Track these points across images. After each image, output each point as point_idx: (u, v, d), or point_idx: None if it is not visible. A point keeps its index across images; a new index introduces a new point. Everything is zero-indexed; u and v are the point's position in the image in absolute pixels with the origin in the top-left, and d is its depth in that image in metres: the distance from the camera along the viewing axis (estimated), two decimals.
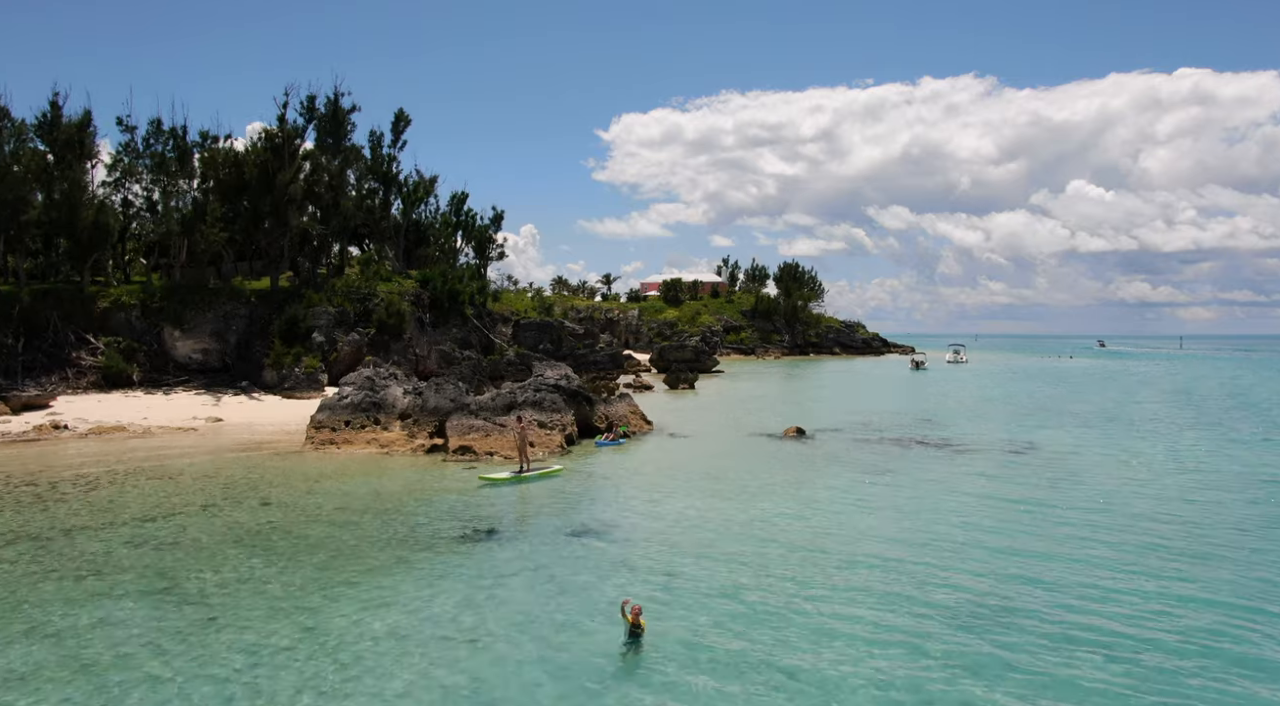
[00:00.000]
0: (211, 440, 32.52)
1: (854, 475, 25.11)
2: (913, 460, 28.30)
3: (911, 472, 25.70)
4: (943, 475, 25.17)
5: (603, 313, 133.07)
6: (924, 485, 23.39)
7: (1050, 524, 18.91)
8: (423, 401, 32.61)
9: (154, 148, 49.63)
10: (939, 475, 25.19)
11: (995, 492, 22.50)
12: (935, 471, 25.86)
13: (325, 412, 31.92)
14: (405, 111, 66.81)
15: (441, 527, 18.40)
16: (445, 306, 58.79)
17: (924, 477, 24.71)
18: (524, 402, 32.28)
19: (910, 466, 26.99)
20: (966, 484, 23.74)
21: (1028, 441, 32.92)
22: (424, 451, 29.55)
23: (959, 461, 28.04)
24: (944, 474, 25.42)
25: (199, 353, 45.15)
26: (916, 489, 22.84)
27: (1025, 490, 22.92)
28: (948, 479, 24.45)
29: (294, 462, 27.23)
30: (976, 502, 21.13)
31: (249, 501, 21.05)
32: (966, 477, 24.76)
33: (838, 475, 25.15)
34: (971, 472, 25.67)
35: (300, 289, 50.37)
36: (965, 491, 22.56)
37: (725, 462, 27.64)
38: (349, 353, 47.70)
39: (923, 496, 21.92)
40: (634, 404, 37.70)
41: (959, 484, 23.70)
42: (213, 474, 25.02)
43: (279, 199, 47.79)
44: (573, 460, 28.19)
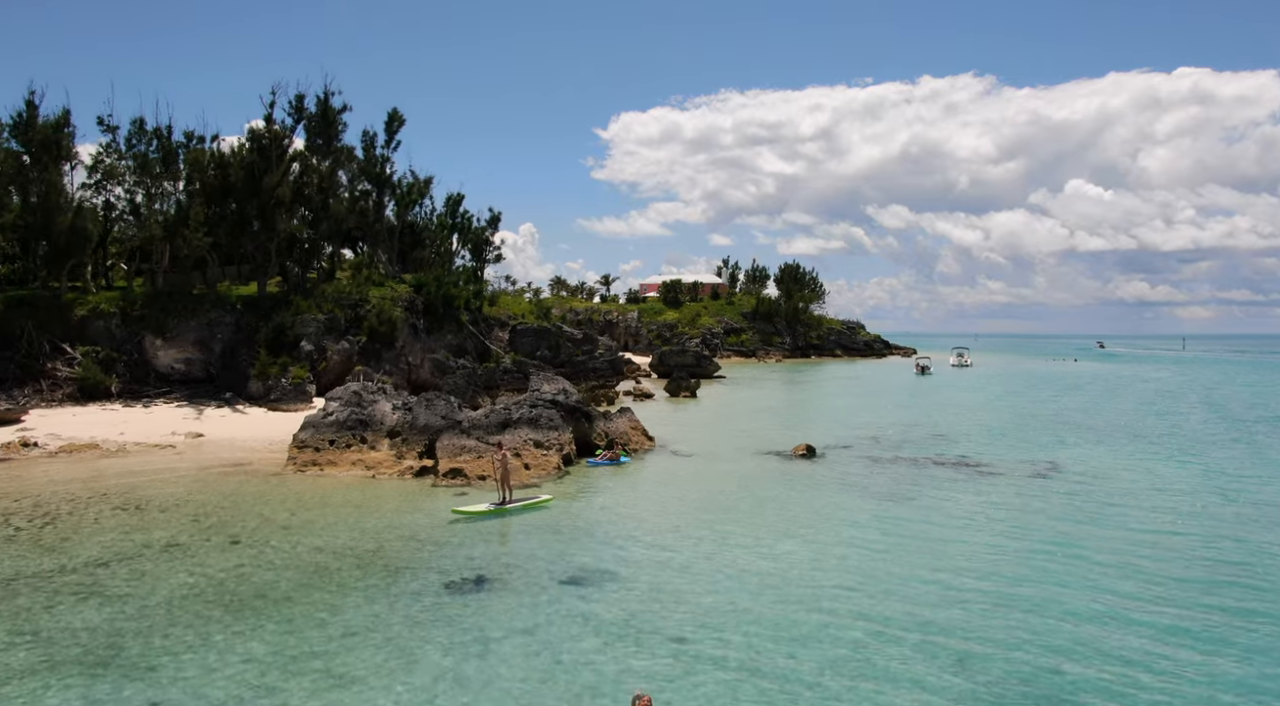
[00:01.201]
0: (189, 459, 30.74)
1: (874, 506, 23.37)
2: (933, 486, 26.55)
3: (934, 502, 23.96)
4: (968, 506, 23.42)
5: (602, 314, 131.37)
6: (951, 521, 21.64)
7: (1096, 572, 17.16)
8: (412, 418, 30.85)
9: (137, 148, 47.81)
10: (964, 506, 23.45)
11: (1029, 529, 20.75)
12: (960, 501, 24.11)
13: (309, 431, 30.14)
14: (399, 111, 65.08)
15: (425, 575, 16.64)
16: (440, 312, 56.99)
17: (949, 510, 22.97)
18: (519, 420, 30.53)
19: (932, 494, 25.26)
20: (996, 519, 21.98)
21: (1050, 462, 31.18)
22: (412, 474, 27.79)
23: (982, 487, 26.30)
24: (970, 504, 23.68)
25: (181, 362, 43.36)
26: (944, 526, 21.08)
27: (1060, 526, 21.17)
28: (975, 512, 22.70)
29: (273, 487, 25.47)
30: (1011, 544, 19.37)
31: (217, 539, 19.28)
32: (994, 510, 23.01)
33: (856, 505, 23.40)
34: (998, 503, 23.91)
35: (289, 295, 48.57)
36: (997, 529, 20.80)
37: (734, 489, 25.89)
38: (339, 362, 45.93)
39: (951, 537, 20.17)
40: (635, 419, 35.93)
41: (988, 519, 21.95)
42: (183, 501, 23.25)
43: (266, 202, 45.98)
44: (570, 485, 26.45)
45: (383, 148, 64.27)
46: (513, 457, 28.20)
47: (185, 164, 47.12)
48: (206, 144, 50.09)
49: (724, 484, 26.75)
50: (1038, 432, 40.12)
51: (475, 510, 21.80)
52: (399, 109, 64.73)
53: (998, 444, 36.11)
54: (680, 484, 26.80)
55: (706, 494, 25.01)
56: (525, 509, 22.31)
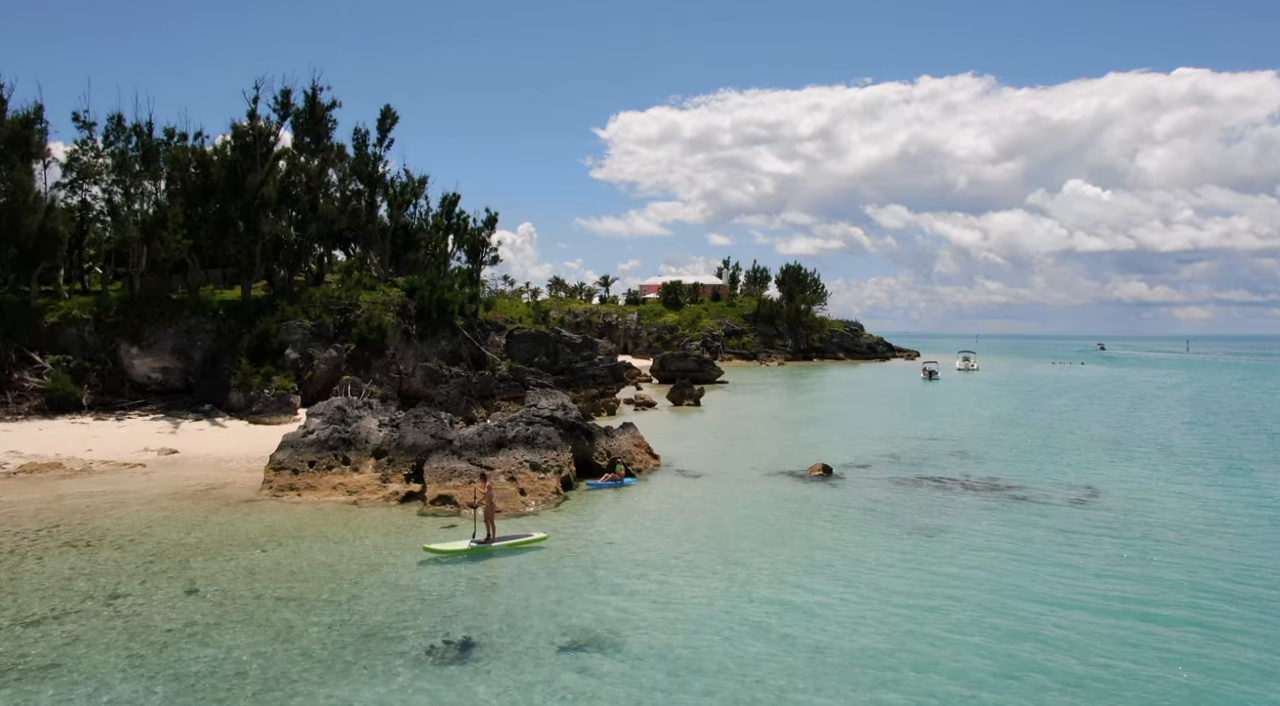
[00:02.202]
0: (158, 480, 28.47)
1: (906, 543, 21.14)
2: (966, 516, 24.33)
3: (972, 538, 21.74)
4: (1010, 544, 21.19)
5: (601, 316, 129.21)
6: (994, 564, 19.40)
7: (1173, 636, 14.96)
8: (399, 437, 28.61)
9: (115, 146, 45.52)
10: (1005, 543, 21.21)
11: (1083, 577, 18.51)
12: (999, 536, 21.88)
13: (287, 451, 27.88)
14: (392, 108, 62.87)
15: (404, 639, 14.41)
16: (434, 317, 54.77)
17: (990, 549, 20.74)
18: (514, 439, 28.30)
19: (964, 524, 23.05)
20: (1044, 563, 19.74)
21: (1086, 485, 28.98)
22: (398, 500, 25.55)
23: (1019, 518, 24.08)
24: (1010, 541, 21.44)
25: (159, 372, 41.08)
26: (987, 570, 18.85)
27: (1111, 565, 18.98)
28: (1018, 552, 20.45)
29: (244, 517, 23.21)
30: (1067, 598, 17.13)
31: (171, 588, 17.03)
32: (1040, 550, 20.77)
33: (886, 543, 21.16)
34: (1042, 542, 21.68)
35: (274, 300, 46.30)
36: (1047, 577, 18.56)
37: (749, 519, 23.66)
38: (326, 371, 43.67)
39: (998, 587, 17.95)
40: (638, 435, 33.69)
41: (1035, 563, 19.70)
42: (142, 536, 20.99)
43: (249, 202, 43.68)
44: (569, 513, 24.21)
45: (375, 146, 62.12)
46: (507, 482, 26.02)
47: (165, 162, 44.80)
48: (190, 141, 47.90)
49: (737, 512, 24.52)
50: (1065, 449, 37.91)
51: (451, 549, 19.50)
52: (392, 106, 62.65)
53: (1025, 463, 33.89)
54: (689, 512, 24.56)
55: (718, 526, 22.76)
56: (512, 548, 19.95)
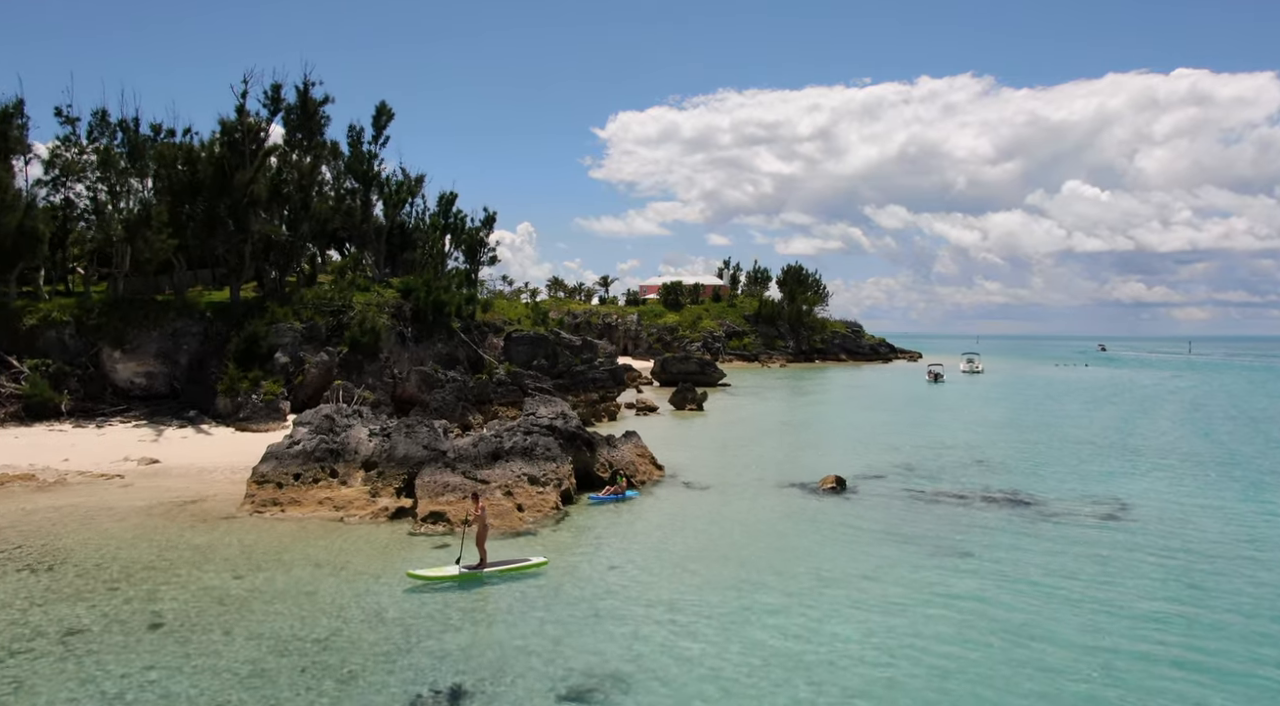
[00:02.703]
0: (135, 493, 26.95)
1: (930, 566, 19.66)
2: (991, 535, 22.85)
3: (999, 559, 20.27)
4: (1042, 568, 19.70)
5: (601, 317, 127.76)
6: (1027, 592, 17.92)
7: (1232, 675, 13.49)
8: (390, 447, 27.11)
9: (99, 142, 44.01)
10: (1036, 567, 19.73)
11: (1122, 603, 17.05)
12: (1029, 560, 20.38)
13: (270, 463, 26.37)
14: (388, 105, 61.30)
15: (387, 681, 12.92)
16: (429, 319, 53.18)
17: (1019, 572, 19.27)
18: (512, 450, 26.80)
19: (993, 548, 21.56)
20: (1081, 587, 18.27)
21: (1113, 498, 27.52)
22: (387, 517, 24.05)
23: (1049, 537, 22.61)
24: (1042, 564, 19.96)
25: (142, 376, 39.54)
26: (1020, 597, 17.37)
27: (1157, 598, 17.50)
28: (1052, 577, 18.97)
29: (222, 536, 21.70)
30: (1112, 628, 15.65)
31: (136, 620, 15.54)
32: (1075, 573, 19.30)
33: (909, 567, 19.67)
34: (1074, 562, 20.20)
35: (264, 301, 44.77)
36: (1087, 607, 17.08)
37: (761, 540, 22.17)
38: (317, 375, 42.15)
39: (1034, 619, 16.46)
40: (641, 445, 32.21)
41: (1071, 589, 18.23)
42: (110, 559, 19.50)
43: (238, 200, 42.15)
44: (569, 531, 22.72)
45: (370, 143, 60.46)
46: (503, 497, 24.53)
47: (151, 159, 43.27)
48: (179, 138, 46.40)
49: (748, 532, 23.03)
50: (1083, 458, 36.43)
51: (439, 576, 17.99)
52: (388, 103, 61.11)
53: (1046, 474, 32.41)
54: (697, 531, 23.06)
55: (729, 549, 21.26)
56: (507, 574, 18.43)
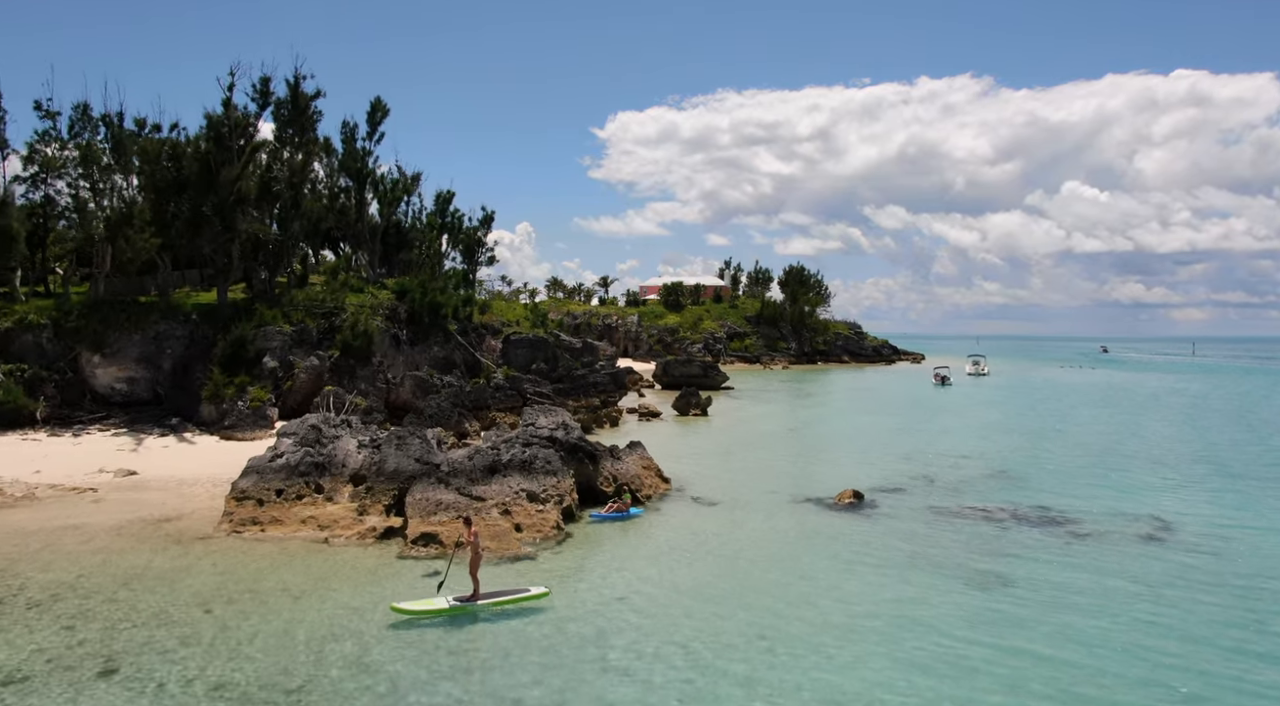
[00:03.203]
0: (107, 510, 25.21)
1: (964, 595, 17.97)
2: (1027, 557, 21.16)
3: (1040, 587, 18.58)
4: (1088, 596, 18.03)
5: (600, 318, 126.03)
6: (1076, 624, 16.23)
7: None
8: (380, 460, 25.42)
9: (81, 137, 42.30)
10: (1083, 596, 18.04)
11: (1187, 643, 15.37)
12: (1072, 587, 18.69)
13: (251, 478, 24.64)
14: (383, 100, 59.62)
15: None
16: (425, 321, 51.50)
17: (1064, 602, 17.59)
18: (510, 464, 25.11)
19: (1030, 572, 19.87)
20: (1136, 623, 16.59)
21: (1151, 516, 25.83)
22: (375, 538, 22.31)
23: (1088, 560, 20.93)
24: (1088, 593, 18.27)
25: (123, 382, 37.80)
26: (1070, 634, 15.67)
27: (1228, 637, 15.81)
28: (1101, 608, 17.28)
29: (195, 561, 19.99)
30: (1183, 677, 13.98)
31: (86, 667, 13.82)
32: (1123, 605, 17.61)
33: (941, 597, 17.99)
34: (1123, 592, 18.52)
35: (252, 303, 43.05)
36: (1150, 651, 15.40)
37: (779, 565, 20.48)
38: (307, 381, 40.42)
39: (1092, 661, 14.78)
40: (646, 456, 30.52)
41: (1124, 623, 16.56)
42: (69, 589, 17.77)
43: (224, 198, 40.41)
44: (571, 554, 21.01)
45: (364, 140, 58.87)
46: (500, 516, 22.84)
47: (135, 155, 41.54)
48: (165, 133, 44.66)
49: (764, 555, 21.33)
50: (1110, 470, 34.73)
51: (426, 610, 16.27)
52: (383, 98, 59.41)
53: (1074, 488, 30.73)
54: (709, 555, 21.35)
55: (745, 576, 19.55)
56: (504, 606, 16.70)
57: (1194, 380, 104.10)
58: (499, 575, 18.80)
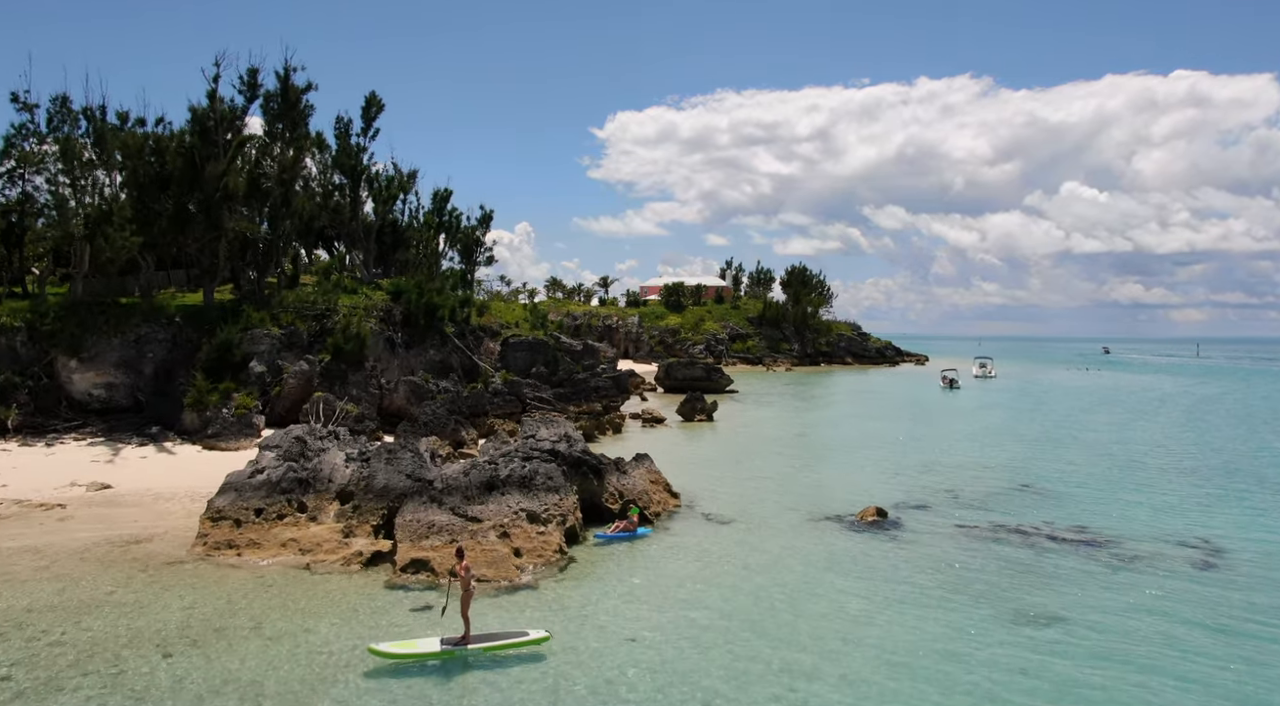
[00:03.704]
0: (74, 528, 23.36)
1: (1015, 635, 16.14)
2: (1071, 586, 19.35)
3: (1094, 624, 16.77)
4: (1149, 634, 16.21)
5: (601, 319, 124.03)
6: (1143, 669, 14.41)
7: None
8: (369, 476, 23.60)
9: (61, 132, 40.42)
10: (1144, 635, 16.23)
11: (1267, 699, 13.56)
12: (1132, 625, 16.86)
13: (228, 496, 22.79)
14: (378, 95, 57.76)
15: None
16: (421, 323, 49.63)
17: (1124, 641, 15.78)
18: (508, 480, 23.27)
19: (1079, 604, 18.06)
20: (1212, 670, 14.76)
21: (1200, 537, 24.01)
22: (361, 564, 20.44)
23: (1142, 591, 19.10)
24: (1149, 630, 16.45)
25: (102, 388, 35.92)
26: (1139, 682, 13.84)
27: None
28: (1166, 649, 15.46)
29: (161, 591, 18.14)
30: None
31: None
32: (1193, 647, 15.79)
33: (991, 634, 16.16)
34: (1188, 631, 16.70)
35: (240, 305, 41.19)
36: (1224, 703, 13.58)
37: (803, 596, 18.64)
38: (295, 386, 38.54)
39: None
40: (654, 469, 28.70)
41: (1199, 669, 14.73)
42: (16, 627, 15.92)
43: (210, 194, 38.54)
44: (574, 584, 19.17)
45: (359, 136, 57.06)
46: (498, 540, 20.98)
47: (116, 149, 39.66)
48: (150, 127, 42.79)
49: (786, 583, 19.50)
50: (1143, 483, 32.89)
51: (410, 653, 14.42)
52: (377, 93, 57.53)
53: (1106, 502, 28.92)
54: (727, 585, 19.51)
55: (768, 611, 17.70)
56: (499, 651, 14.84)
57: (1205, 383, 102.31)
58: (494, 613, 16.98)
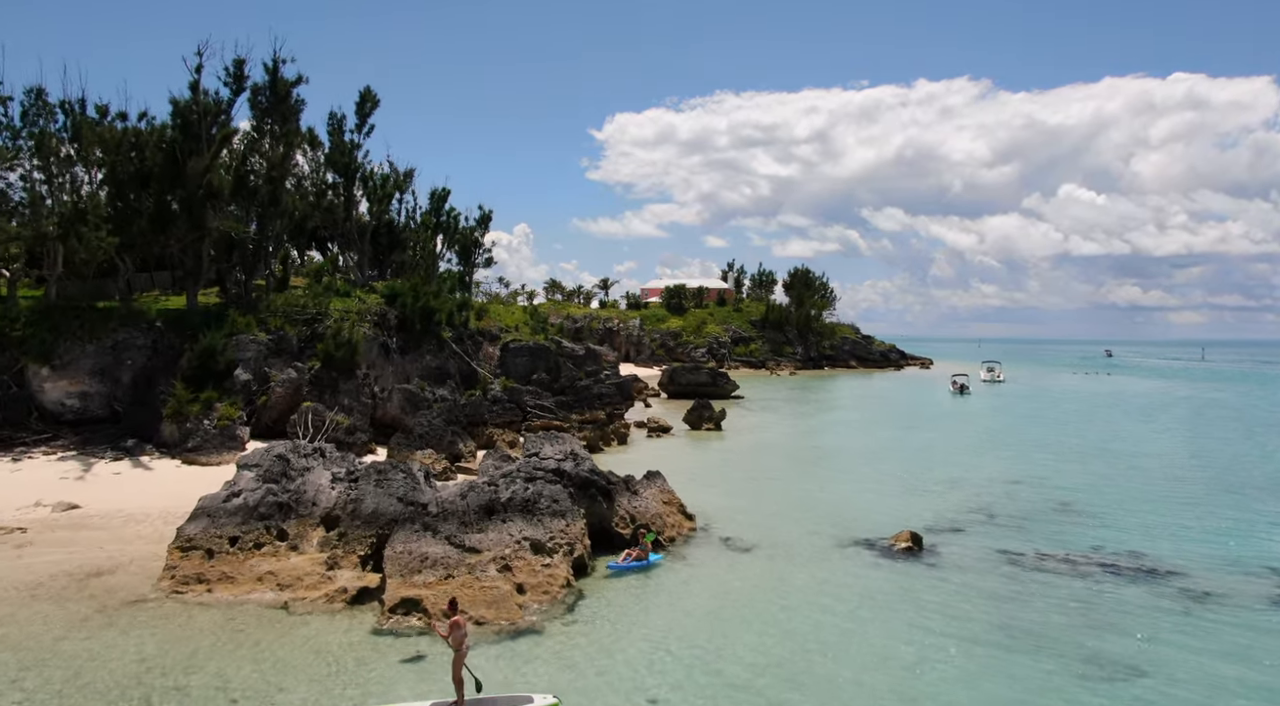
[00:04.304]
0: (32, 556, 21.19)
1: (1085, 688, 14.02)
2: (1143, 628, 17.21)
3: (1180, 679, 14.65)
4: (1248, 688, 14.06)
5: (601, 322, 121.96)
6: None
7: None
8: (356, 499, 21.43)
9: (36, 125, 38.25)
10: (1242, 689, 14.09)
11: None
12: (1218, 676, 14.73)
13: (200, 523, 20.62)
14: (373, 91, 55.53)
15: None
16: (417, 327, 47.46)
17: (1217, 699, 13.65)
18: (510, 504, 21.13)
19: (1158, 653, 15.94)
20: None
21: (1269, 567, 21.90)
22: (345, 602, 18.26)
23: (1221, 632, 16.97)
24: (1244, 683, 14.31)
25: (75, 398, 33.72)
26: None
27: None
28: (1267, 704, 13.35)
29: (118, 637, 15.98)
30: None
31: None
32: None
33: (1059, 688, 14.04)
34: None
35: (225, 309, 39.01)
36: None
37: (842, 644, 16.49)
38: (283, 396, 36.37)
39: None
40: (667, 488, 26.55)
41: None
42: None
43: (192, 192, 36.37)
44: (584, 628, 16.99)
45: (353, 132, 54.81)
46: (499, 574, 18.83)
47: (96, 144, 37.49)
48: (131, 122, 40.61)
49: (823, 625, 17.35)
50: (1192, 502, 30.69)
51: None
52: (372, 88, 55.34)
53: (1156, 524, 26.80)
54: (753, 627, 17.34)
55: (805, 663, 15.54)
56: None
57: (1220, 388, 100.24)
58: (495, 659, 14.86)
